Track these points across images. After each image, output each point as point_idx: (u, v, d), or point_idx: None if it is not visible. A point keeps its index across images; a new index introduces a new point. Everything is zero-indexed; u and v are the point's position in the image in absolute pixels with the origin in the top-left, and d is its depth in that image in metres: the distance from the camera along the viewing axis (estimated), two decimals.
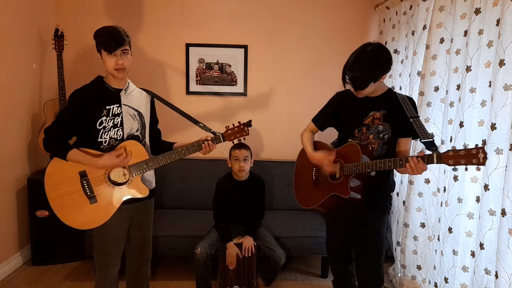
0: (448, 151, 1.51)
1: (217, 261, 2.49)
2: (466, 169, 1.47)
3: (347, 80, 1.76)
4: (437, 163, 1.53)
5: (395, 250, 2.79)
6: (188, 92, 3.37)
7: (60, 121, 1.77)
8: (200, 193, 3.16)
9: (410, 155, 1.71)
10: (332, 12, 3.34)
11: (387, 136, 1.82)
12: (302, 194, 2.16)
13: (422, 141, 1.65)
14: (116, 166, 1.77)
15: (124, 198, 1.81)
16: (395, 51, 2.96)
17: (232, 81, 3.39)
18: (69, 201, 1.76)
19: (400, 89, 2.88)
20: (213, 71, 3.36)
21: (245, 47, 3.33)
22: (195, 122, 1.96)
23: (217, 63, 3.36)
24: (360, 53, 1.73)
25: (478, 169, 1.94)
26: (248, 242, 2.48)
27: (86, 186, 1.76)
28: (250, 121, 1.94)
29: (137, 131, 1.87)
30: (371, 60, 1.70)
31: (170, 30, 3.30)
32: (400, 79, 2.88)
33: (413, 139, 1.86)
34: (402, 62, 2.85)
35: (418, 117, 1.74)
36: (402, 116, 1.77)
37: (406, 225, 2.57)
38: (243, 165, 2.53)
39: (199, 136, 1.91)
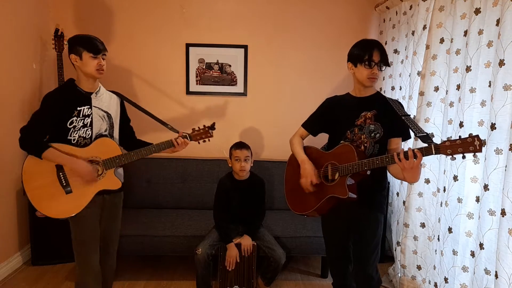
0: (444, 141, 1.54)
1: (217, 261, 2.49)
2: (464, 156, 1.52)
3: (373, 59, 1.79)
4: (435, 153, 1.56)
5: (395, 250, 2.79)
6: (188, 92, 3.37)
7: (35, 121, 1.86)
8: (200, 193, 3.16)
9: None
10: (332, 12, 3.34)
11: (379, 135, 1.86)
12: (295, 199, 2.11)
13: (417, 135, 1.69)
14: (87, 175, 1.87)
15: (98, 190, 1.93)
16: (395, 51, 2.96)
17: (232, 81, 3.39)
18: (45, 193, 1.88)
19: (400, 89, 2.89)
20: (213, 71, 3.36)
21: (245, 47, 3.33)
22: (164, 124, 2.12)
23: (217, 63, 3.36)
24: (369, 39, 1.87)
25: (475, 156, 1.95)
26: (247, 242, 2.48)
27: (62, 178, 1.89)
28: (214, 123, 2.12)
29: (105, 131, 1.98)
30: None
31: (170, 30, 3.30)
32: (400, 79, 2.88)
33: (403, 140, 1.90)
34: (402, 62, 2.85)
35: (409, 115, 1.81)
36: (392, 116, 1.83)
37: (406, 225, 2.57)
38: (244, 165, 2.54)
39: (172, 136, 2.04)
